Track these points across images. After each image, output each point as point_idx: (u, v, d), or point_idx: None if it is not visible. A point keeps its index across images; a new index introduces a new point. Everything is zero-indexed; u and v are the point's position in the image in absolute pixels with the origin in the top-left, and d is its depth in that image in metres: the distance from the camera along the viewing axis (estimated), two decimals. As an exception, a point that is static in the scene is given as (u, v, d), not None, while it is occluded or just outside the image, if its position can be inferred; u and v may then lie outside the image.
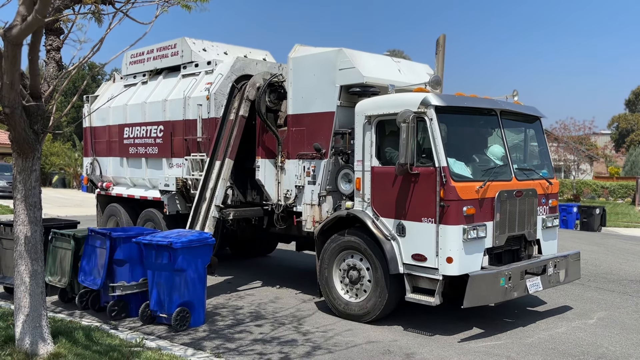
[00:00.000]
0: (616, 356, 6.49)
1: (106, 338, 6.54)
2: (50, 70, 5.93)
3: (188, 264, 7.30)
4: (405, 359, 6.37)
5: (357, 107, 7.87)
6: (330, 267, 8.09)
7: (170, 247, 7.16)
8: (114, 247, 7.67)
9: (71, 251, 8.21)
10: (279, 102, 9.47)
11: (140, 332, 7.21)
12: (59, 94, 5.95)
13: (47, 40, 5.99)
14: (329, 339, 7.02)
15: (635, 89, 64.46)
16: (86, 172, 13.41)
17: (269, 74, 9.66)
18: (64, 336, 6.23)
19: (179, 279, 7.29)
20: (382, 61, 8.82)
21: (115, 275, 7.77)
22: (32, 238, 5.60)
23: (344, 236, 7.89)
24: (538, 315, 8.13)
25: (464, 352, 6.54)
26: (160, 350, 6.26)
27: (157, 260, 7.33)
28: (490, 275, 6.92)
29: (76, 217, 16.29)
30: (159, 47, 11.77)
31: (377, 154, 7.63)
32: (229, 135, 9.42)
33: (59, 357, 5.55)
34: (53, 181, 40.31)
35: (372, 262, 7.50)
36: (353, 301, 7.83)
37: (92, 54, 5.49)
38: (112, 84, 13.40)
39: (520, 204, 7.58)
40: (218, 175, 9.33)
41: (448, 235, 6.81)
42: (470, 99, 7.59)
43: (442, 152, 6.87)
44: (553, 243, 8.34)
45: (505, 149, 7.67)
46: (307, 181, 8.70)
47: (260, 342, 6.86)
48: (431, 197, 6.92)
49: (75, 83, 42.78)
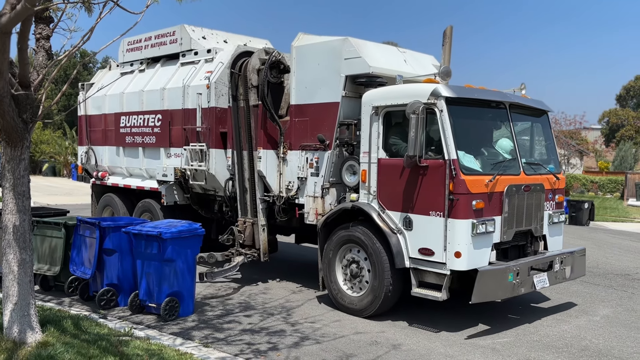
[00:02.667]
0: (622, 355, 6.41)
1: (95, 327, 6.52)
2: (39, 59, 5.86)
3: (177, 254, 7.32)
4: (391, 349, 6.42)
5: (364, 98, 7.70)
6: (332, 260, 7.95)
7: (160, 237, 7.16)
8: (103, 236, 7.65)
9: (62, 239, 8.20)
10: (281, 75, 9.30)
11: (129, 321, 7.20)
12: (49, 82, 5.90)
13: (36, 29, 5.90)
14: (317, 329, 7.06)
15: (626, 84, 64.67)
16: (81, 161, 13.16)
17: (264, 51, 9.43)
18: (53, 325, 6.20)
19: (168, 269, 7.30)
20: (388, 51, 8.64)
21: (104, 265, 7.74)
22: (20, 227, 5.59)
23: (348, 229, 7.74)
24: (543, 312, 8.03)
25: (471, 349, 6.43)
26: (149, 339, 6.27)
27: (146, 250, 7.34)
28: (498, 271, 6.80)
29: (66, 205, 16.03)
30: (157, 34, 11.52)
31: (384, 145, 7.47)
32: (247, 126, 9.41)
33: (47, 345, 5.53)
34: (43, 169, 39.88)
35: (375, 256, 7.35)
36: (354, 295, 7.70)
37: (82, 43, 5.44)
38: (108, 71, 13.13)
39: (528, 199, 7.46)
40: (251, 166, 9.40)
41: (457, 230, 6.67)
42: (480, 91, 7.44)
43: (452, 144, 6.72)
44: (559, 239, 8.24)
45: (514, 142, 7.54)
46: (309, 173, 8.52)
47: (249, 332, 6.89)
48: (440, 190, 6.77)
49: (67, 71, 42.23)
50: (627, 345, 6.70)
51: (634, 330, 7.28)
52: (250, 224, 9.49)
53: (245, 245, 9.54)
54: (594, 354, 6.36)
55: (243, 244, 9.54)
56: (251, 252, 9.41)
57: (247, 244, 9.51)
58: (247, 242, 9.50)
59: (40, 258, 8.43)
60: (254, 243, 9.47)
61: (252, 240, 9.48)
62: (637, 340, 6.89)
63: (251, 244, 9.49)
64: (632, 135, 52.48)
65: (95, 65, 58.20)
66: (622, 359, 6.25)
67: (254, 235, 9.46)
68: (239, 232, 9.56)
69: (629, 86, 64.27)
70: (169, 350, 5.87)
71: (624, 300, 8.77)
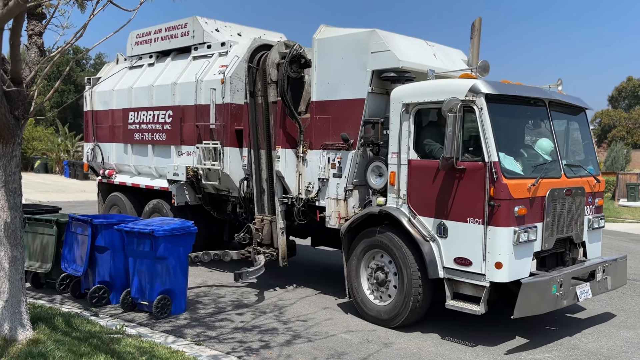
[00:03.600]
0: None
1: (86, 325, 6.53)
2: (32, 56, 5.84)
3: (170, 252, 7.30)
4: (383, 347, 6.39)
5: (394, 94, 7.17)
6: (357, 267, 7.46)
7: (152, 235, 7.15)
8: (95, 234, 7.60)
9: (54, 237, 8.17)
10: (301, 70, 8.77)
11: (120, 319, 7.17)
12: (41, 79, 5.95)
13: (29, 25, 5.87)
14: (309, 327, 7.05)
15: (618, 85, 64.59)
16: (87, 158, 12.67)
17: (284, 44, 8.90)
18: (44, 322, 6.21)
19: (160, 267, 7.28)
20: (417, 44, 8.10)
21: (96, 263, 7.71)
22: (11, 224, 5.63)
23: (374, 235, 7.23)
24: (581, 324, 7.52)
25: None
26: (140, 337, 6.28)
27: (138, 247, 7.33)
28: (542, 283, 6.28)
29: (58, 203, 15.83)
30: (167, 26, 11.00)
31: (415, 146, 6.95)
32: (265, 123, 8.91)
33: (38, 343, 5.55)
34: (35, 166, 39.44)
35: (404, 264, 6.85)
36: (380, 304, 7.22)
37: (74, 40, 5.46)
38: (115, 65, 12.62)
39: (569, 204, 6.95)
40: (269, 166, 8.91)
41: (498, 238, 6.16)
42: (520, 87, 6.91)
43: (493, 145, 6.19)
44: (597, 245, 7.72)
45: (554, 143, 7.01)
46: (332, 174, 8.01)
47: (241, 330, 6.90)
48: (479, 195, 6.25)
49: (59, 67, 41.76)
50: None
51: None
52: (269, 222, 9.00)
53: (263, 244, 9.05)
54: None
55: (261, 242, 9.05)
56: (270, 251, 8.95)
57: (265, 242, 9.03)
58: (266, 240, 9.03)
59: (31, 255, 8.34)
60: (272, 242, 9.00)
61: (270, 239, 9.02)
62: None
63: (269, 243, 9.02)
64: (624, 136, 52.26)
65: (88, 62, 57.71)
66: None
67: (272, 234, 8.99)
68: (257, 231, 9.06)
69: (621, 87, 64.16)
70: (160, 348, 5.87)
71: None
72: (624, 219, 19.90)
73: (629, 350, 6.52)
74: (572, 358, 6.23)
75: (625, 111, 59.47)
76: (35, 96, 5.86)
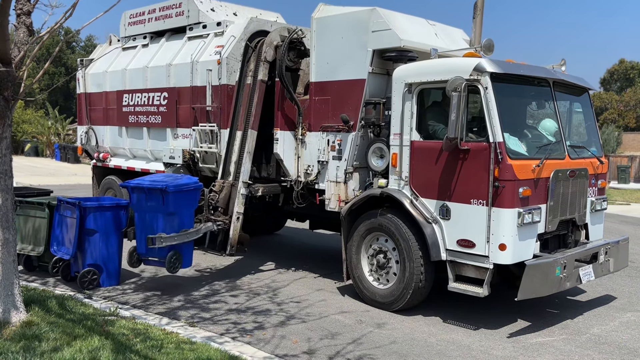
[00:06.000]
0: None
1: (80, 307, 6.51)
2: (20, 35, 5.73)
3: (181, 207, 7.51)
4: (376, 328, 6.43)
5: (396, 74, 7.03)
6: (358, 250, 7.36)
7: (165, 190, 7.34)
8: (84, 216, 7.55)
9: (46, 220, 8.12)
10: (298, 60, 8.57)
11: (114, 301, 7.16)
12: (31, 60, 5.87)
13: (17, 5, 5.74)
14: (302, 309, 7.06)
15: (610, 68, 64.67)
16: (80, 141, 12.48)
17: (286, 29, 8.73)
18: (37, 305, 6.19)
19: (172, 220, 7.45)
20: (418, 23, 7.95)
21: (86, 245, 7.66)
22: (2, 206, 5.60)
23: (375, 217, 7.13)
24: (582, 306, 7.49)
25: (521, 347, 5.88)
26: (134, 319, 6.26)
27: (148, 203, 7.49)
28: (546, 265, 6.22)
29: (49, 186, 15.68)
30: (161, 6, 10.79)
31: (417, 126, 6.82)
32: (249, 102, 8.54)
33: (32, 325, 5.55)
34: (25, 149, 39.07)
35: (405, 246, 6.76)
36: (380, 287, 7.14)
37: (64, 20, 5.39)
38: (109, 46, 12.38)
39: (572, 185, 6.86)
40: (241, 148, 8.55)
41: (502, 220, 6.07)
42: (525, 66, 6.79)
43: (499, 125, 6.08)
44: (600, 227, 7.65)
45: (558, 123, 6.91)
46: (331, 156, 7.89)
47: (235, 311, 6.90)
48: (483, 176, 6.15)
49: (49, 49, 41.20)
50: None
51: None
52: (229, 185, 8.48)
53: (216, 209, 8.43)
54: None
55: (215, 206, 8.44)
56: (222, 219, 8.28)
57: (219, 206, 8.38)
58: (221, 204, 8.38)
59: (23, 238, 8.29)
60: (227, 209, 8.38)
61: (226, 205, 8.40)
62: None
63: (225, 208, 8.39)
64: (615, 119, 52.39)
65: (78, 45, 56.94)
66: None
67: (229, 200, 8.39)
68: (213, 192, 8.44)
69: (613, 69, 64.24)
70: (154, 330, 5.88)
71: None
72: (615, 201, 19.96)
73: (633, 334, 6.49)
74: (577, 342, 6.18)
75: (617, 94, 59.64)
76: (25, 78, 5.85)
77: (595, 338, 6.29)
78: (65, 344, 5.18)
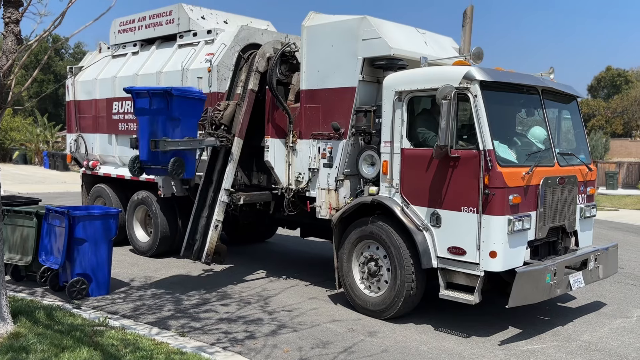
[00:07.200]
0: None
1: (68, 317, 6.46)
2: (8, 44, 5.71)
3: (184, 114, 7.54)
4: (367, 337, 6.42)
5: (386, 82, 7.05)
6: (349, 258, 7.35)
7: (170, 93, 7.34)
8: (73, 225, 7.50)
9: (34, 229, 8.06)
10: (290, 74, 8.58)
11: (104, 311, 7.11)
12: (19, 68, 5.85)
13: (5, 13, 5.76)
14: (294, 317, 7.04)
15: (597, 75, 65.61)
16: (70, 149, 12.38)
17: (279, 42, 8.76)
18: (25, 315, 6.16)
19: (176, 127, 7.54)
20: (408, 32, 7.98)
21: (75, 255, 7.60)
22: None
23: (366, 224, 7.13)
24: (572, 313, 7.52)
25: (512, 354, 5.89)
26: (124, 329, 6.22)
27: (152, 107, 7.37)
28: (537, 272, 6.23)
29: (38, 194, 15.58)
30: (151, 14, 10.76)
31: (408, 134, 6.84)
32: (236, 110, 8.52)
33: (19, 336, 5.48)
34: (13, 157, 38.87)
35: (397, 254, 6.76)
36: (372, 295, 7.13)
37: (53, 28, 5.41)
38: (98, 53, 12.32)
39: (562, 192, 6.90)
40: (226, 156, 8.44)
41: (492, 227, 6.09)
42: (514, 74, 6.83)
43: (488, 133, 6.11)
44: (589, 234, 7.69)
45: (547, 131, 6.95)
46: (322, 164, 7.88)
47: (226, 321, 6.86)
48: (473, 183, 6.17)
49: (38, 56, 41.03)
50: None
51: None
52: (234, 104, 8.57)
53: (219, 126, 8.55)
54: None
55: (219, 123, 8.53)
56: (225, 136, 8.39)
57: (224, 123, 8.49)
58: (225, 121, 8.49)
59: (11, 248, 8.25)
60: (231, 127, 8.49)
61: (230, 122, 8.51)
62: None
63: (229, 127, 8.49)
64: (603, 125, 53.01)
65: (67, 52, 56.77)
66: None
67: (233, 118, 8.52)
68: (218, 111, 8.54)
69: (600, 77, 65.08)
70: (144, 340, 5.82)
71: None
72: (603, 207, 20.13)
73: (623, 340, 6.52)
74: (568, 349, 6.20)
75: (605, 100, 60.33)
76: (13, 86, 5.79)
77: (585, 345, 6.31)
78: (53, 356, 5.14)
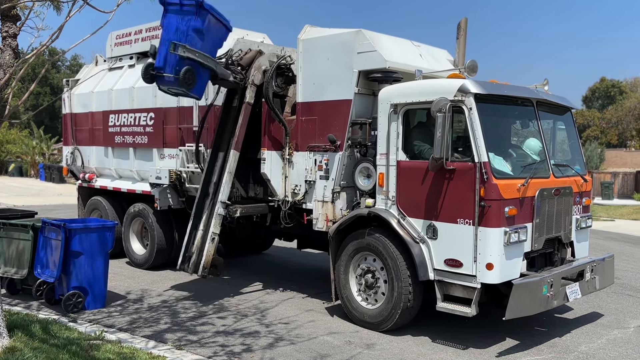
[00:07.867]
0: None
1: (64, 331, 6.44)
2: (6, 58, 5.75)
3: (209, 32, 7.55)
4: (365, 349, 6.41)
5: (381, 95, 7.09)
6: (346, 270, 7.35)
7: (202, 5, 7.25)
8: (69, 238, 7.49)
9: (30, 242, 8.04)
10: (286, 86, 8.62)
11: (100, 324, 7.11)
12: (16, 81, 5.94)
13: (3, 27, 5.82)
14: (291, 330, 7.03)
15: (591, 86, 66.34)
16: (66, 162, 12.38)
17: (275, 55, 8.81)
18: (20, 330, 6.15)
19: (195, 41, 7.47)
20: (403, 45, 8.04)
21: (71, 268, 7.59)
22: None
23: (363, 236, 7.14)
24: (570, 324, 7.51)
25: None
26: (120, 342, 6.21)
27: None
28: (533, 283, 6.25)
29: (34, 207, 15.52)
30: (148, 27, 10.78)
31: (404, 146, 6.87)
32: (234, 124, 8.54)
33: (15, 351, 5.45)
34: (9, 170, 38.82)
35: (393, 266, 6.77)
36: (369, 307, 7.13)
37: (50, 42, 5.43)
38: (95, 66, 12.36)
39: (558, 204, 6.93)
40: (222, 168, 8.45)
41: (489, 239, 6.10)
42: (508, 87, 6.88)
43: (483, 145, 6.14)
44: (585, 245, 7.72)
45: (542, 142, 6.99)
46: (318, 176, 7.90)
47: (223, 334, 6.86)
48: (469, 196, 6.20)
49: (35, 69, 41.13)
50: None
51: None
52: (256, 52, 8.85)
53: (236, 65, 8.77)
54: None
55: (239, 62, 8.79)
56: (240, 73, 8.64)
57: (243, 64, 8.76)
58: (245, 62, 8.76)
59: (7, 261, 8.22)
60: (249, 68, 8.71)
61: (249, 64, 8.74)
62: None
63: (247, 69, 8.72)
64: (598, 136, 53.32)
65: (64, 64, 56.91)
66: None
67: (252, 62, 8.73)
68: (240, 51, 8.86)
69: (595, 88, 65.64)
70: (141, 354, 5.80)
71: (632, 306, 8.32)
72: (599, 217, 20.20)
73: (621, 351, 6.52)
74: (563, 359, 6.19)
75: (599, 111, 60.74)
76: (10, 99, 5.82)
77: (583, 356, 6.31)
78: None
